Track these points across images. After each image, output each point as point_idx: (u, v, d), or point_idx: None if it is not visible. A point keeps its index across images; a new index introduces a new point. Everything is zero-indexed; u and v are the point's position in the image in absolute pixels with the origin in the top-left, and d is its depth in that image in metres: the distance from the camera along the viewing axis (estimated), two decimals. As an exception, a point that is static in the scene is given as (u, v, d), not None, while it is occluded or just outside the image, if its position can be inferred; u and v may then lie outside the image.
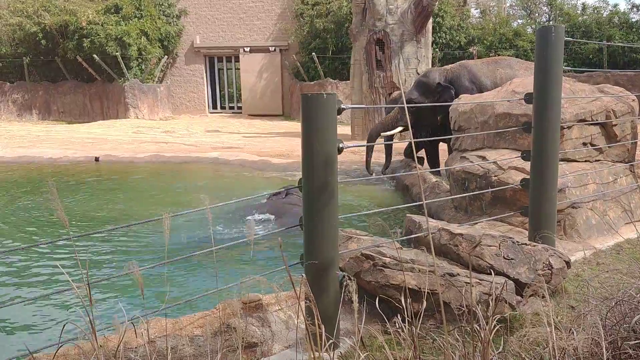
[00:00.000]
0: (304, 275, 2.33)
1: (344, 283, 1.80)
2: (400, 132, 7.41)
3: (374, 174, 7.64)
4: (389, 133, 7.30)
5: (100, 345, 1.77)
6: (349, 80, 13.43)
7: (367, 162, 7.67)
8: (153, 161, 10.08)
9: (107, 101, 19.36)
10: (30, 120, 19.79)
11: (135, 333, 2.18)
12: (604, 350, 1.79)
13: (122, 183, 8.46)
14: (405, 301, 1.85)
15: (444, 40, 18.03)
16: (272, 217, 5.39)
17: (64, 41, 18.83)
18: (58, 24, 18.53)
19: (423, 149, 7.78)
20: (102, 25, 18.02)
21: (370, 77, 11.60)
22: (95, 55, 18.11)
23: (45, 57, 19.63)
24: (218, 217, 5.47)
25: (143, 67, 19.20)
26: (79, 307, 3.34)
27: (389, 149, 7.67)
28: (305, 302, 2.20)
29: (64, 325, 1.84)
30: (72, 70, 19.68)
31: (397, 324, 1.88)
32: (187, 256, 2.67)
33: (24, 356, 2.02)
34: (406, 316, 1.86)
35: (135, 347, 2.19)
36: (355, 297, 1.72)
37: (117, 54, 17.91)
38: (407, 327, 1.85)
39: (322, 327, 1.78)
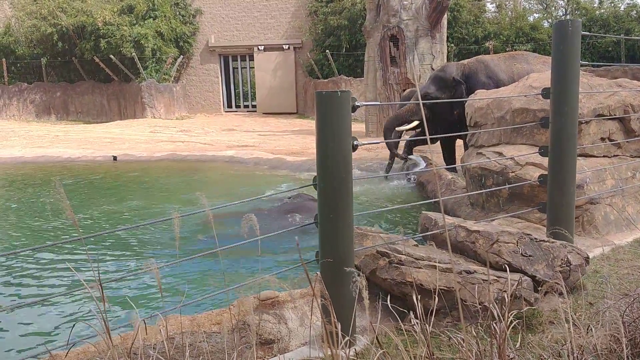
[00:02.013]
0: (319, 272, 2.33)
1: (355, 280, 1.80)
2: (415, 127, 7.30)
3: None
4: (404, 128, 7.21)
5: (115, 345, 1.79)
6: (363, 77, 13.39)
7: (393, 154, 7.52)
8: (170, 160, 10.17)
9: (124, 101, 19.54)
10: (49, 120, 20.04)
11: (146, 330, 2.20)
12: (624, 347, 1.76)
13: (139, 181, 8.54)
14: (419, 299, 1.84)
15: (459, 35, 17.89)
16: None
17: (81, 42, 19.04)
18: (74, 24, 18.72)
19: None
20: (117, 27, 18.17)
21: (385, 74, 11.54)
22: (112, 56, 18.29)
23: (62, 58, 19.87)
24: (235, 216, 5.48)
25: (158, 67, 19.35)
26: (94, 306, 3.39)
27: (397, 146, 7.57)
28: (320, 300, 2.20)
29: (74, 325, 1.87)
30: (89, 71, 19.90)
31: (411, 322, 1.87)
32: (201, 255, 2.69)
33: (42, 354, 2.05)
34: (420, 314, 1.85)
35: (154, 344, 2.21)
36: (365, 294, 1.71)
37: (133, 54, 18.06)
38: (420, 324, 1.84)
39: (339, 324, 1.78)
